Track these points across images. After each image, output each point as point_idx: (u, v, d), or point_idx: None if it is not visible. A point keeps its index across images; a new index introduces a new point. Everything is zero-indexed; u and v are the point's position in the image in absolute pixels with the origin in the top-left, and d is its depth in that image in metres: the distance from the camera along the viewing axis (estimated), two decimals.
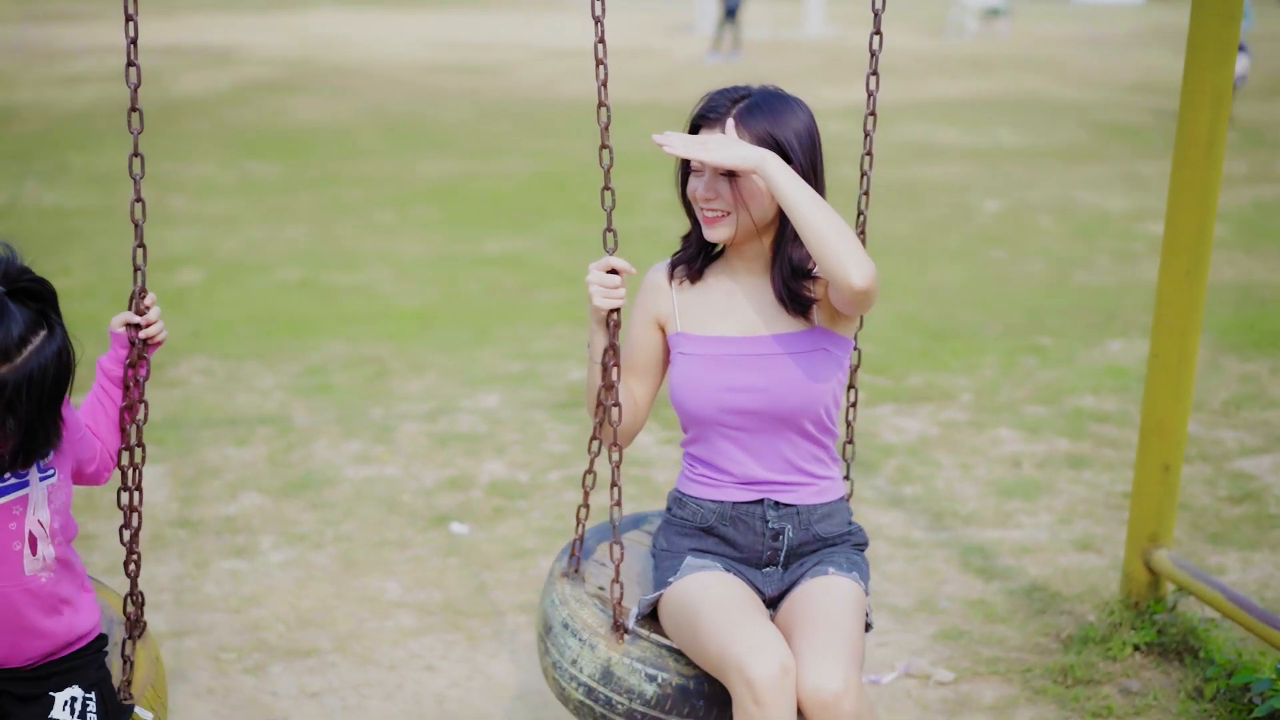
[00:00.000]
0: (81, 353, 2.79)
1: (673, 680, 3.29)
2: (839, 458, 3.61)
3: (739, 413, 3.38)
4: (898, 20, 38.05)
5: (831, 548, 3.48)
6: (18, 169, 14.73)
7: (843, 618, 3.23)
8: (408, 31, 33.63)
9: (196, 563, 5.46)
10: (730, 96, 3.37)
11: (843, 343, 3.43)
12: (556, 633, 3.47)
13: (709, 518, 3.47)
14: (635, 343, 3.55)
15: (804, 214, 3.16)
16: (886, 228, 12.27)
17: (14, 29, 32.32)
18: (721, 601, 3.24)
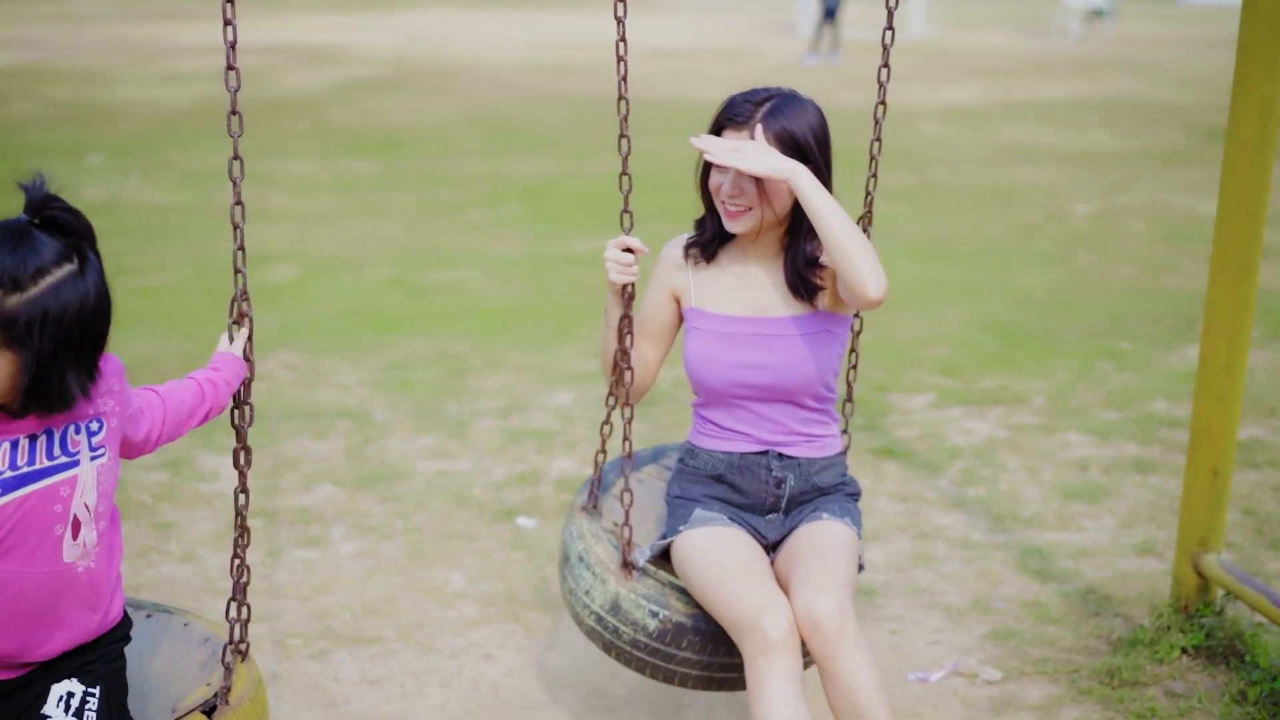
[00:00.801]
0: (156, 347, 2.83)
1: (673, 617, 3.68)
2: (837, 416, 3.97)
3: (747, 386, 3.77)
4: (1000, 21, 37.86)
5: (826, 496, 3.88)
6: (120, 165, 15.06)
7: (834, 555, 3.63)
8: (510, 31, 33.90)
9: (270, 551, 5.62)
10: (752, 100, 3.67)
11: (844, 321, 3.82)
12: (573, 564, 3.87)
13: (718, 466, 3.85)
14: (650, 310, 3.92)
15: (830, 226, 3.49)
16: (976, 230, 12.28)
17: (118, 28, 32.92)
18: (729, 559, 3.64)
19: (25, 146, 16.24)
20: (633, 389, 3.83)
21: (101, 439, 2.75)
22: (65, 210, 2.59)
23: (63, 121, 18.30)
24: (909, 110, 20.04)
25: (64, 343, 2.55)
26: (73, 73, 23.61)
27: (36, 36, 30.35)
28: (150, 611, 3.38)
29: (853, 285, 3.48)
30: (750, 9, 43.13)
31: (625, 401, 3.81)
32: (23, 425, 2.64)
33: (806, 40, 30.02)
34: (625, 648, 3.74)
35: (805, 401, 3.80)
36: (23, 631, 2.71)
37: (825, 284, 3.73)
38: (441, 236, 12.00)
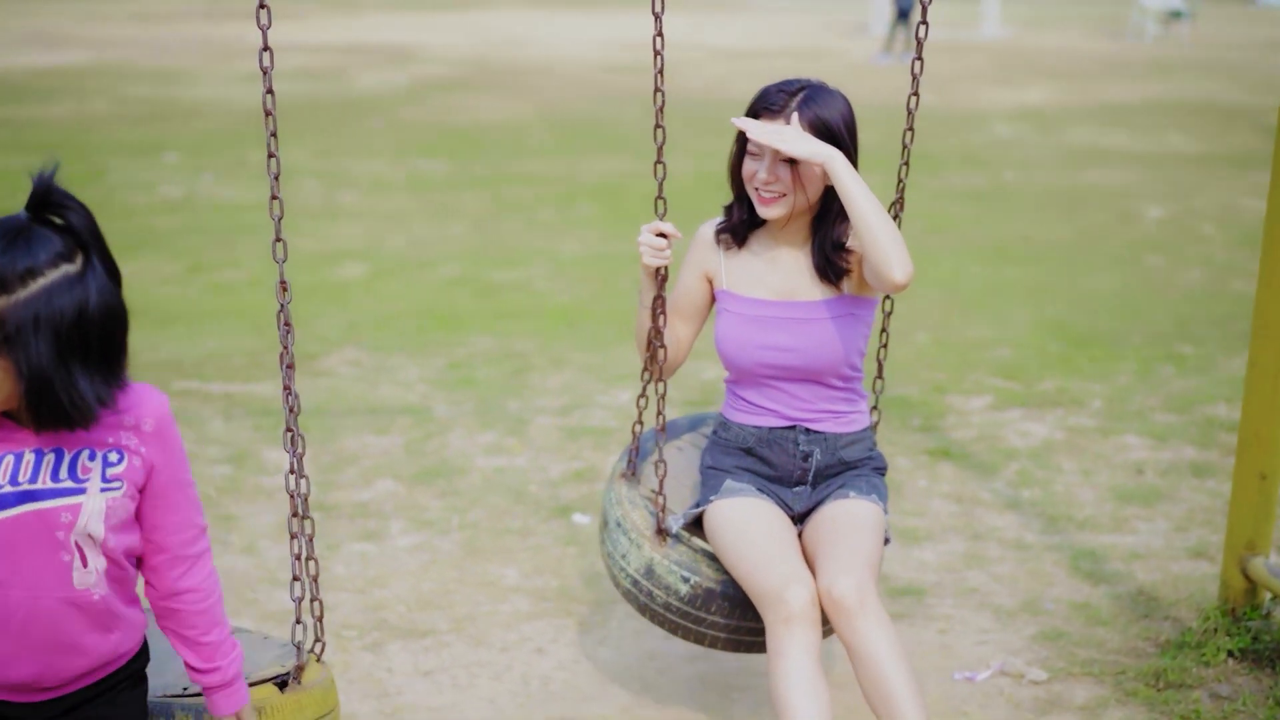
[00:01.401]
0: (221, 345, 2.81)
1: (703, 583, 3.90)
2: (865, 393, 4.12)
3: (774, 367, 3.94)
4: (1076, 22, 37.63)
5: (854, 471, 4.04)
6: (196, 164, 15.25)
7: (859, 534, 3.80)
8: (584, 31, 34.01)
9: (329, 545, 5.71)
10: (786, 90, 3.84)
11: (868, 304, 3.98)
12: (611, 529, 4.10)
13: (748, 440, 4.02)
14: (684, 290, 4.08)
15: (862, 211, 3.65)
16: (1045, 233, 12.25)
17: (198, 27, 33.28)
18: (757, 531, 3.83)
19: (103, 144, 16.48)
20: (666, 365, 4.04)
21: (120, 472, 2.56)
22: (67, 207, 2.44)
23: (140, 119, 18.55)
24: (981, 111, 19.99)
25: (66, 349, 2.39)
26: (151, 71, 23.92)
27: (116, 35, 30.75)
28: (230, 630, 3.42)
29: (879, 269, 3.64)
30: (824, 9, 43.07)
31: (658, 377, 4.02)
32: (28, 439, 2.50)
33: (879, 40, 29.96)
34: (658, 610, 3.96)
35: (830, 381, 3.96)
36: (41, 659, 2.58)
37: (851, 268, 3.89)
38: (511, 236, 12.09)
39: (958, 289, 10.11)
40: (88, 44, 28.84)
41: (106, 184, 14.23)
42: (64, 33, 31.37)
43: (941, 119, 18.81)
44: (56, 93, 21.12)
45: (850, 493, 3.95)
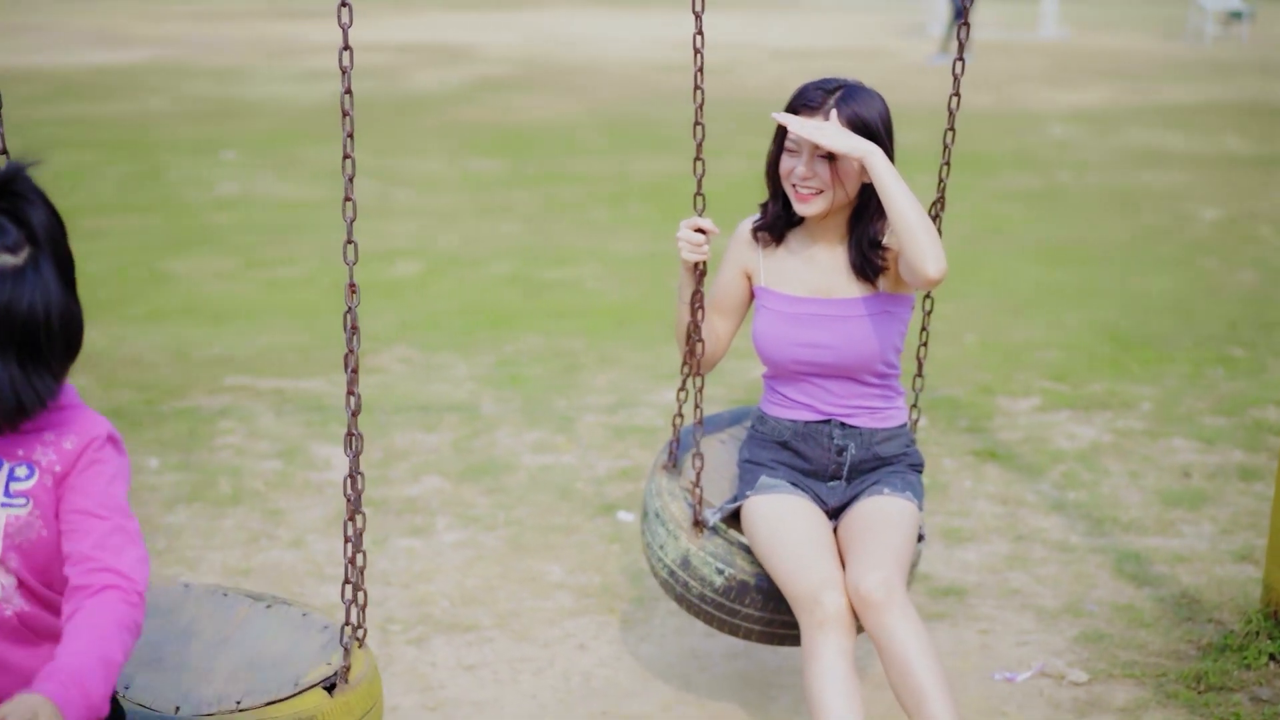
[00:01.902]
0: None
1: (738, 575, 3.97)
2: (902, 389, 4.16)
3: (809, 364, 4.01)
4: (1135, 23, 37.40)
5: (889, 467, 4.09)
6: (253, 161, 15.38)
7: (890, 530, 3.86)
8: (639, 30, 34.05)
9: (376, 540, 5.77)
10: (824, 88, 3.89)
11: (905, 301, 4.02)
12: (650, 519, 4.17)
13: (784, 433, 4.09)
14: (724, 285, 4.16)
15: (899, 206, 3.70)
16: (1099, 234, 12.21)
17: (257, 25, 33.51)
18: (792, 531, 3.88)
19: (163, 142, 16.63)
20: (705, 360, 4.13)
21: (26, 488, 2.40)
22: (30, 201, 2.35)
23: (200, 117, 18.71)
24: (1036, 112, 19.91)
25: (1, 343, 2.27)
26: (211, 70, 24.11)
27: (177, 33, 31.00)
28: (270, 602, 3.55)
29: (914, 263, 3.68)
30: (881, 9, 42.96)
31: (696, 371, 4.11)
32: None
33: (936, 41, 29.87)
34: (694, 601, 4.04)
35: (865, 378, 4.02)
36: None
37: (888, 265, 3.94)
38: (562, 235, 12.14)
39: (1009, 290, 10.10)
40: (148, 42, 29.08)
41: (166, 181, 14.37)
42: (125, 31, 31.65)
43: (997, 120, 18.76)
44: (117, 91, 21.32)
45: (884, 489, 4.01)
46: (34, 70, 23.58)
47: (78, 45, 28.29)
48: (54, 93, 20.89)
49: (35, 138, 16.59)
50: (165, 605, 3.43)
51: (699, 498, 4.06)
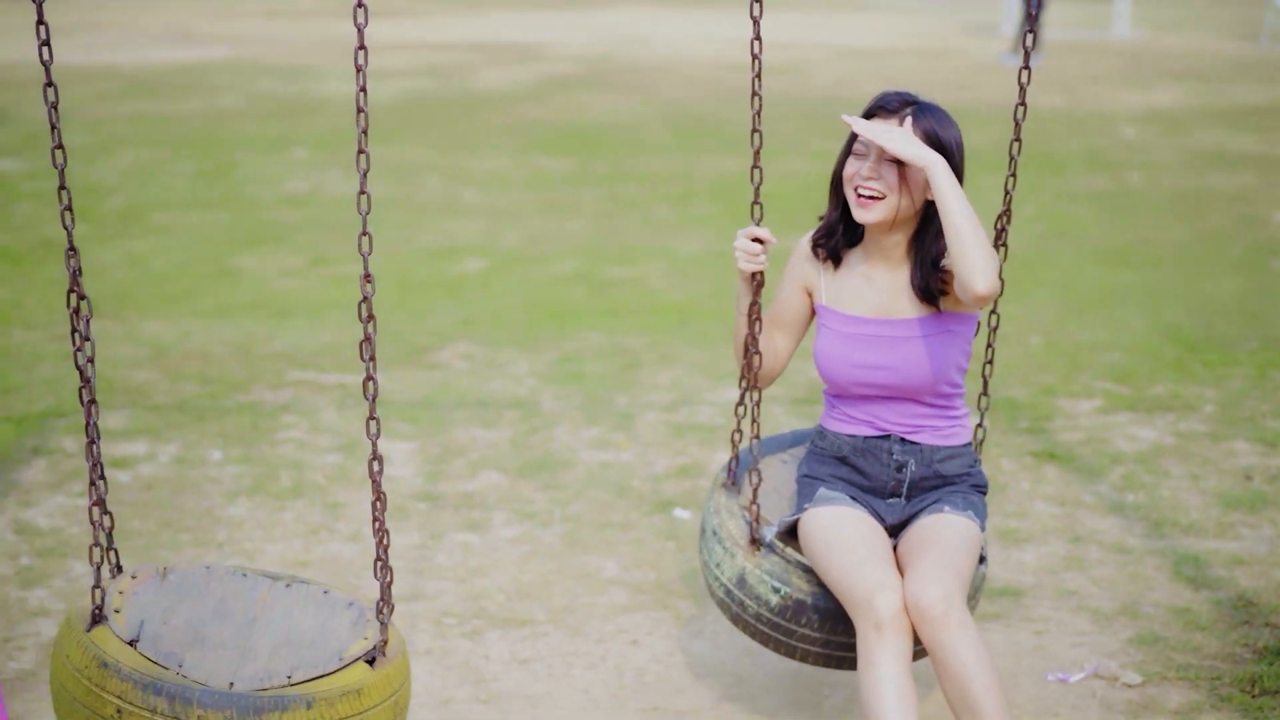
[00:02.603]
0: None
1: (794, 594, 3.92)
2: (966, 409, 4.10)
3: (869, 385, 3.96)
4: (1209, 24, 37.03)
5: (951, 487, 4.02)
6: (322, 159, 15.48)
7: (952, 546, 3.78)
8: (707, 29, 34.01)
9: (433, 534, 5.82)
10: (902, 98, 3.88)
11: (968, 320, 3.96)
12: (708, 537, 4.12)
13: (843, 448, 4.04)
14: (784, 301, 4.11)
15: (955, 218, 3.65)
16: (1167, 236, 12.12)
17: (328, 24, 33.69)
18: (849, 537, 3.83)
19: (233, 140, 16.77)
20: (762, 374, 4.07)
21: None
22: None
23: (270, 115, 18.85)
24: (1107, 113, 19.76)
25: None
26: (281, 67, 24.26)
27: (249, 32, 31.22)
28: (289, 582, 3.63)
29: (963, 278, 3.62)
30: (953, 8, 42.71)
31: (754, 384, 4.04)
32: None
33: (1008, 40, 29.69)
34: (750, 620, 3.99)
35: (928, 399, 3.97)
36: None
37: (949, 288, 3.85)
38: (627, 233, 12.17)
39: (1073, 291, 10.04)
40: (221, 40, 29.31)
41: (235, 178, 14.50)
42: (199, 30, 31.91)
43: (1067, 120, 18.63)
44: (189, 88, 21.51)
45: (945, 507, 3.94)
46: (107, 68, 23.82)
47: (150, 43, 28.56)
48: (127, 90, 21.10)
49: (108, 134, 16.79)
50: (193, 587, 3.52)
51: (756, 515, 4.02)
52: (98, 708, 3.16)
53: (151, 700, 3.12)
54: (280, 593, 3.58)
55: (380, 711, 3.36)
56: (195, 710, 3.12)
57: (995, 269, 3.63)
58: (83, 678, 3.19)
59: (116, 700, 3.14)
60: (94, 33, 30.65)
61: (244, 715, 3.15)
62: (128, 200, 13.22)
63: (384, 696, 3.38)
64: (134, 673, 3.16)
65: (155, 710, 3.12)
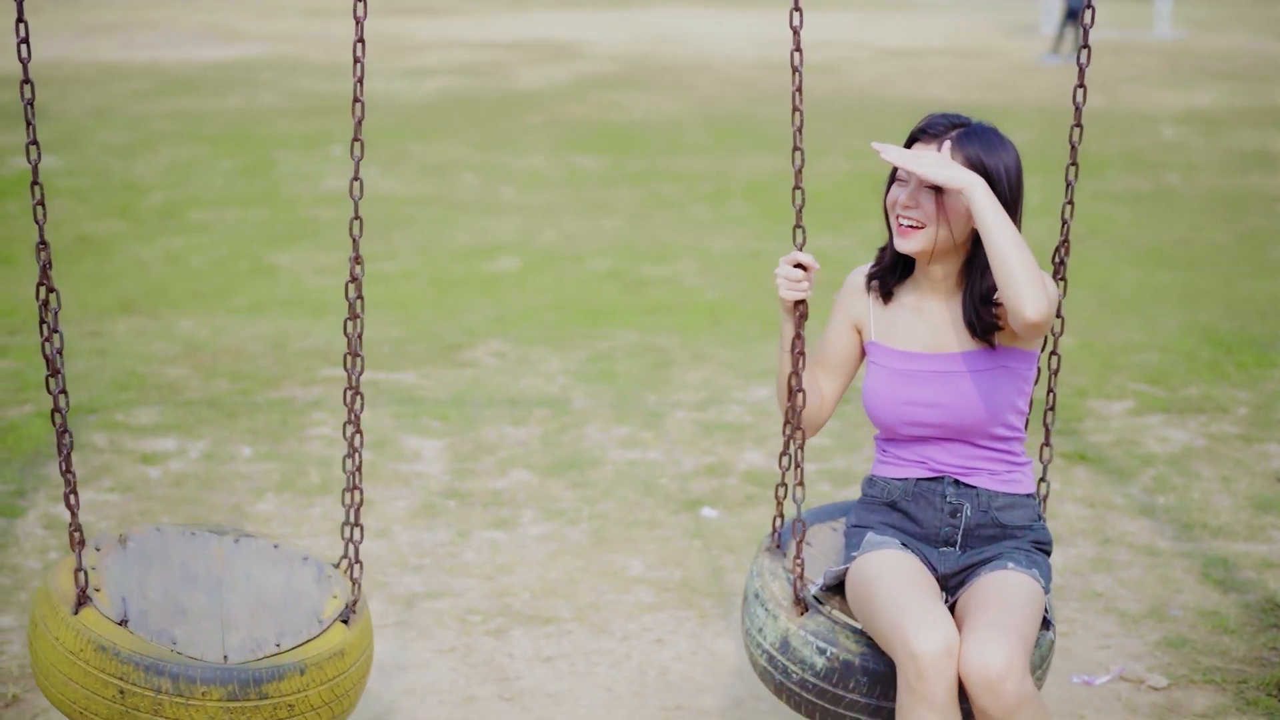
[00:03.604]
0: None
1: (841, 655, 3.51)
2: (1028, 458, 3.73)
3: (920, 424, 3.63)
4: (1250, 23, 36.82)
5: (1012, 540, 3.64)
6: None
7: (1016, 608, 3.38)
8: (746, 28, 34.00)
9: (460, 532, 5.83)
10: (949, 120, 3.59)
11: (1025, 357, 3.64)
12: (749, 602, 3.74)
13: (894, 493, 3.68)
14: (830, 339, 3.77)
15: (997, 241, 3.38)
16: (1205, 237, 12.06)
17: (369, 22, 33.74)
18: (897, 578, 3.44)
19: (272, 137, 16.86)
20: (807, 418, 3.69)
21: None
22: None
23: (308, 112, 18.93)
24: (1148, 113, 19.68)
25: None
26: (320, 65, 24.37)
27: (288, 29, 31.38)
28: (236, 536, 3.74)
29: (1011, 305, 3.36)
30: (993, 7, 42.60)
31: (797, 425, 3.64)
32: None
33: (1049, 40, 29.59)
34: (794, 689, 3.61)
35: (983, 441, 3.64)
36: None
37: (1003, 323, 3.56)
38: (662, 232, 12.17)
39: (1110, 292, 9.99)
40: (260, 38, 29.47)
41: (273, 175, 14.57)
42: (239, 27, 32.08)
43: (1107, 120, 18.56)
44: (229, 85, 21.63)
45: (1008, 564, 3.55)
46: (149, 65, 23.98)
47: (191, 41, 28.73)
48: (167, 87, 21.23)
49: (147, 132, 16.89)
50: (153, 551, 3.62)
51: (800, 571, 3.61)
52: (98, 689, 3.24)
53: (155, 680, 3.21)
54: (231, 548, 3.70)
55: (359, 668, 3.53)
56: (199, 687, 3.22)
57: (1045, 293, 3.35)
58: (78, 660, 3.26)
59: (118, 682, 3.22)
60: (136, 30, 30.84)
61: (245, 687, 3.26)
62: (166, 197, 13.30)
63: (361, 653, 3.55)
64: (133, 654, 3.24)
65: (160, 690, 3.21)
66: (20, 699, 4.54)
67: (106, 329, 8.66)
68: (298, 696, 3.34)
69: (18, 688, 4.59)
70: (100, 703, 3.23)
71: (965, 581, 3.60)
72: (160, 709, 3.21)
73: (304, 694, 3.36)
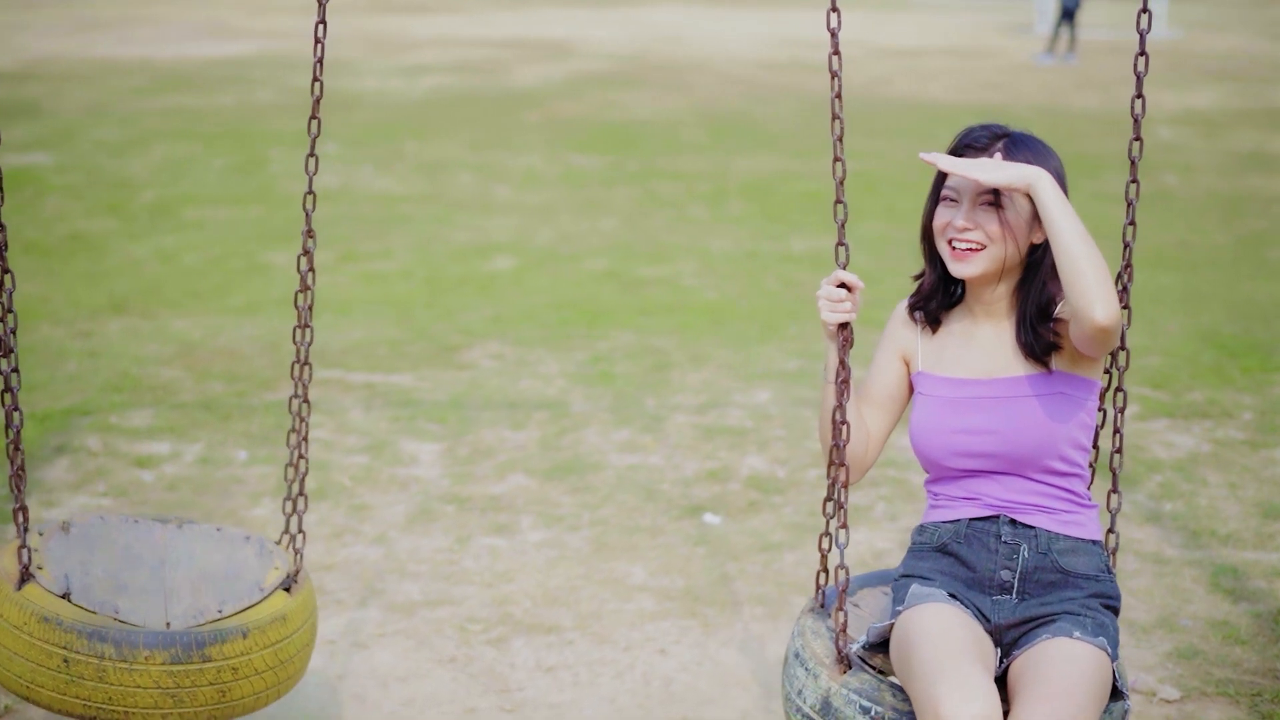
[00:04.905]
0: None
1: (885, 714, 3.24)
2: (1093, 502, 3.46)
3: (971, 455, 3.37)
4: (1246, 24, 36.79)
5: (1075, 590, 3.34)
6: (354, 154, 15.44)
7: (1080, 689, 3.08)
8: (744, 27, 33.93)
9: (459, 538, 5.75)
10: (992, 131, 3.39)
11: (1084, 384, 3.37)
12: (790, 663, 3.49)
13: (944, 536, 3.41)
14: (876, 371, 3.53)
15: (1067, 237, 3.14)
16: (1204, 239, 12.00)
17: (362, 19, 33.68)
18: (939, 638, 3.15)
19: (266, 134, 16.75)
20: (851, 458, 3.43)
21: None
22: None
23: (303, 110, 18.75)
24: (1145, 114, 19.59)
25: None
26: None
27: (284, 27, 31.24)
28: (179, 523, 3.89)
29: (1079, 307, 3.11)
30: (987, 7, 42.55)
31: (841, 463, 3.35)
32: None
33: (1043, 40, 29.54)
34: None
35: (1040, 476, 3.36)
36: None
37: (1062, 343, 3.33)
38: (660, 232, 12.09)
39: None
40: (256, 35, 29.35)
41: (268, 173, 14.48)
42: (235, 24, 31.96)
43: (1103, 121, 18.50)
44: (223, 82, 21.52)
45: (1075, 631, 3.20)
46: (144, 61, 23.87)
47: (186, 37, 28.60)
48: (162, 84, 21.13)
49: (141, 129, 16.79)
50: (96, 537, 3.79)
51: (843, 625, 3.32)
52: (42, 660, 3.35)
53: (98, 647, 3.33)
54: (174, 533, 3.86)
55: (301, 634, 3.66)
56: (142, 651, 3.35)
57: (1115, 295, 3.11)
58: (23, 633, 3.37)
59: (63, 651, 3.34)
60: (131, 26, 30.73)
61: (187, 650, 3.39)
62: (159, 195, 13.20)
63: (303, 620, 3.68)
64: (76, 623, 3.35)
65: (103, 656, 3.33)
66: None
67: (99, 329, 8.56)
68: (241, 660, 3.47)
69: None
70: (45, 674, 3.35)
71: (1022, 641, 3.30)
72: (104, 675, 3.34)
73: (247, 657, 3.48)
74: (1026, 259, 3.36)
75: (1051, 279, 3.33)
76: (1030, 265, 3.36)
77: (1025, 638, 3.29)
